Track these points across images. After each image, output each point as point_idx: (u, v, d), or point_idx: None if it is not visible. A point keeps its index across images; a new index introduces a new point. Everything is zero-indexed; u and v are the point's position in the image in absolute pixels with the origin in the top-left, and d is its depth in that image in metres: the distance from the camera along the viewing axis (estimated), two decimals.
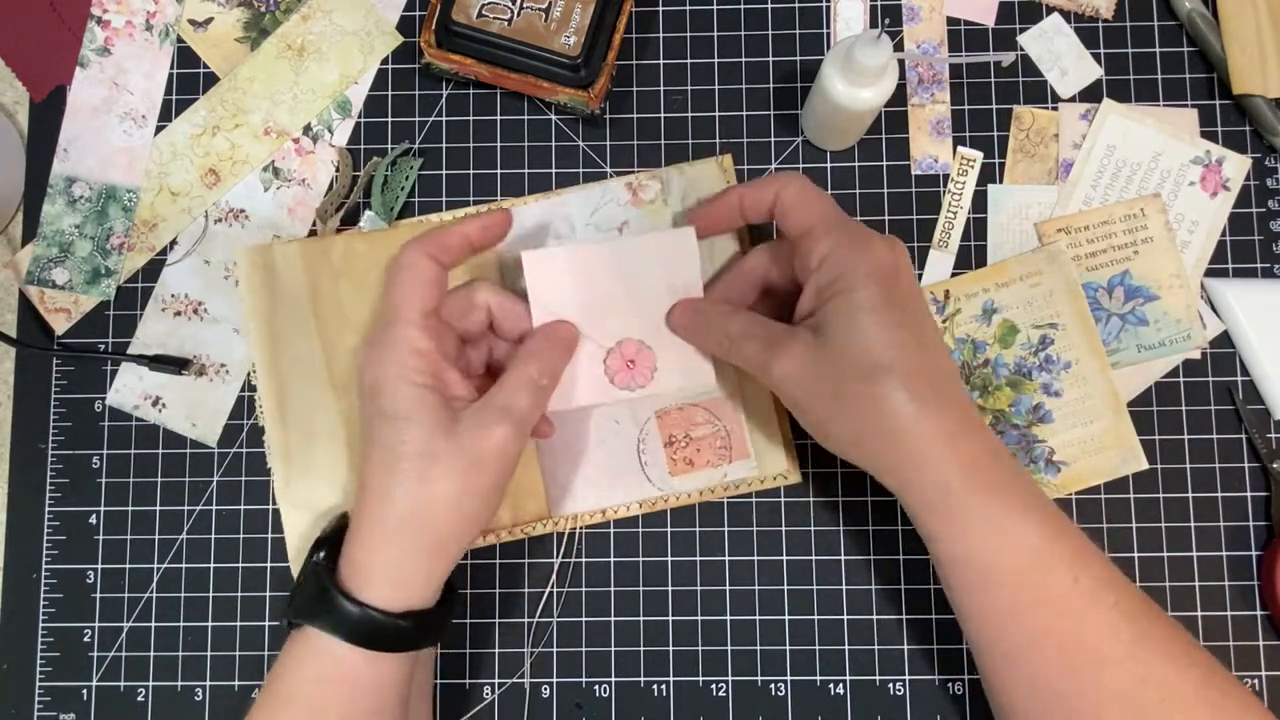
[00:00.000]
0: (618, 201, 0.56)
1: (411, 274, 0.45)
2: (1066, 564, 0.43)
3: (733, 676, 0.54)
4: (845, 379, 0.43)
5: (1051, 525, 0.43)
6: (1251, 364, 0.55)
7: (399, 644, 0.44)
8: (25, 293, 0.57)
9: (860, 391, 0.43)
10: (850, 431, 0.44)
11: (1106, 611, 0.43)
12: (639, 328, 0.51)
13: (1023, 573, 0.43)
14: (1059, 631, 0.43)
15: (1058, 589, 0.43)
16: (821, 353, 0.44)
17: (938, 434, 0.43)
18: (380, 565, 0.44)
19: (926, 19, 0.58)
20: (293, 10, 0.59)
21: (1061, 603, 0.43)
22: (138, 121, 0.58)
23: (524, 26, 0.54)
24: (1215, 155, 0.56)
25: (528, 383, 0.46)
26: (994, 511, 0.43)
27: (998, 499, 0.43)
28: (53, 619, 0.55)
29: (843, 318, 0.43)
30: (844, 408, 0.44)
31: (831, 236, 0.45)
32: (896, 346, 0.43)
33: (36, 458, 0.56)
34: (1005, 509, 0.43)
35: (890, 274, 0.44)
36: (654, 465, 0.54)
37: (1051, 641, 0.43)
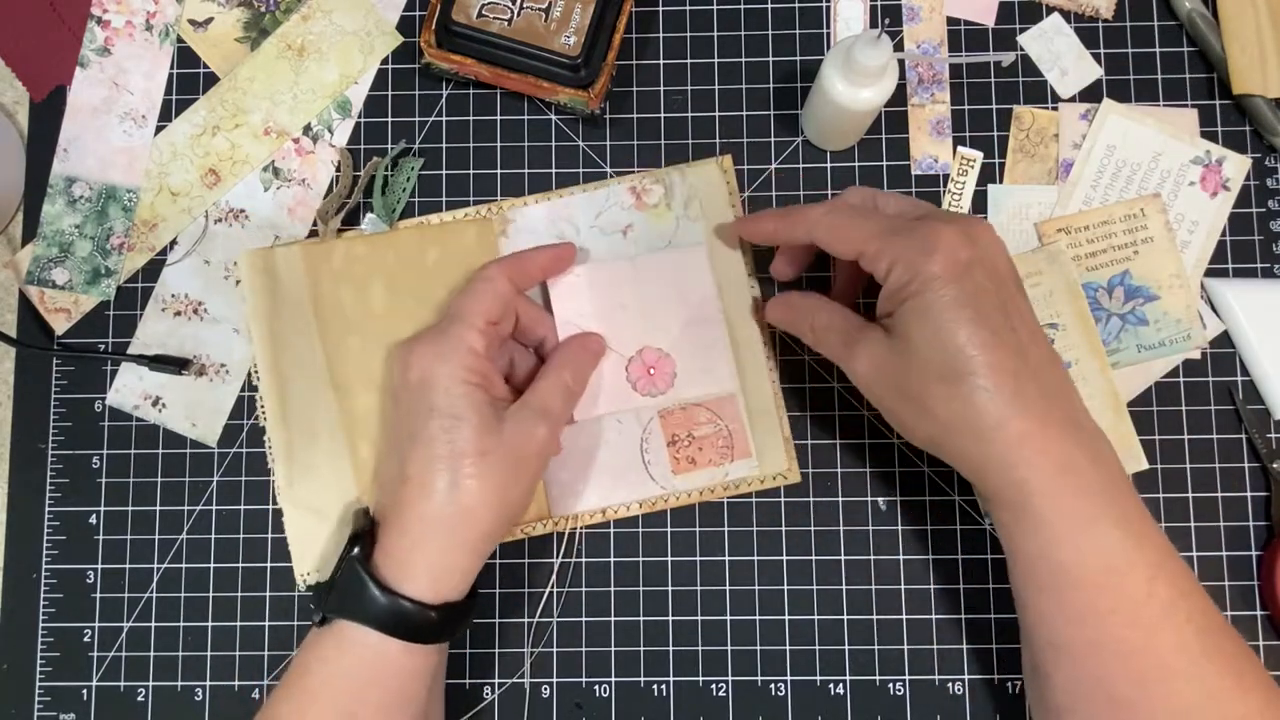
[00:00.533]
0: (621, 205, 0.56)
1: (488, 286, 0.49)
2: (1145, 574, 0.42)
3: (733, 676, 0.54)
4: (924, 381, 0.43)
5: (1135, 533, 0.42)
6: (1251, 364, 0.55)
7: (436, 635, 0.45)
8: (25, 293, 0.57)
9: (940, 393, 0.43)
10: (931, 432, 0.44)
11: (1179, 626, 0.42)
12: (658, 337, 0.54)
13: (1098, 578, 0.42)
14: (1129, 640, 0.42)
15: (1133, 598, 0.42)
16: (898, 355, 0.44)
17: (1024, 434, 0.42)
18: (421, 559, 0.45)
19: (926, 19, 0.58)
20: (293, 10, 0.59)
21: (1134, 611, 0.42)
22: (138, 121, 0.58)
23: (524, 26, 0.54)
24: (1215, 155, 0.57)
25: (562, 387, 0.50)
26: (1074, 515, 0.42)
27: (1081, 502, 0.42)
28: (53, 619, 0.55)
29: (916, 321, 0.43)
30: (924, 408, 0.44)
31: (889, 247, 0.44)
32: (975, 346, 0.42)
33: (36, 458, 0.56)
34: (1088, 513, 0.42)
35: (961, 271, 0.43)
36: (657, 464, 0.55)
37: (1120, 649, 0.42)
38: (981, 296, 0.43)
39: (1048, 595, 0.44)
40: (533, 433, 0.47)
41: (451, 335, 0.47)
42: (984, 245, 0.44)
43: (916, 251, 0.43)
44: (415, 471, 0.46)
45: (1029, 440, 0.42)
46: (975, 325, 0.42)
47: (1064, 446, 0.42)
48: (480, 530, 0.46)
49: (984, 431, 0.42)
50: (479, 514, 0.45)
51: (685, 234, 0.56)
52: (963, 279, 0.43)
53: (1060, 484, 0.42)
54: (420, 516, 0.45)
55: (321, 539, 0.54)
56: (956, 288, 0.42)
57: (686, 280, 0.55)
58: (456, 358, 0.47)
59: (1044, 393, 0.43)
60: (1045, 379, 0.43)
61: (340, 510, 0.54)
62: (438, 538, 0.45)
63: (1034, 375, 0.43)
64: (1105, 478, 0.43)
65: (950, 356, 0.42)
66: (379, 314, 0.54)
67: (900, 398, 0.45)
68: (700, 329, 0.55)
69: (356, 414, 0.54)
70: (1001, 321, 0.43)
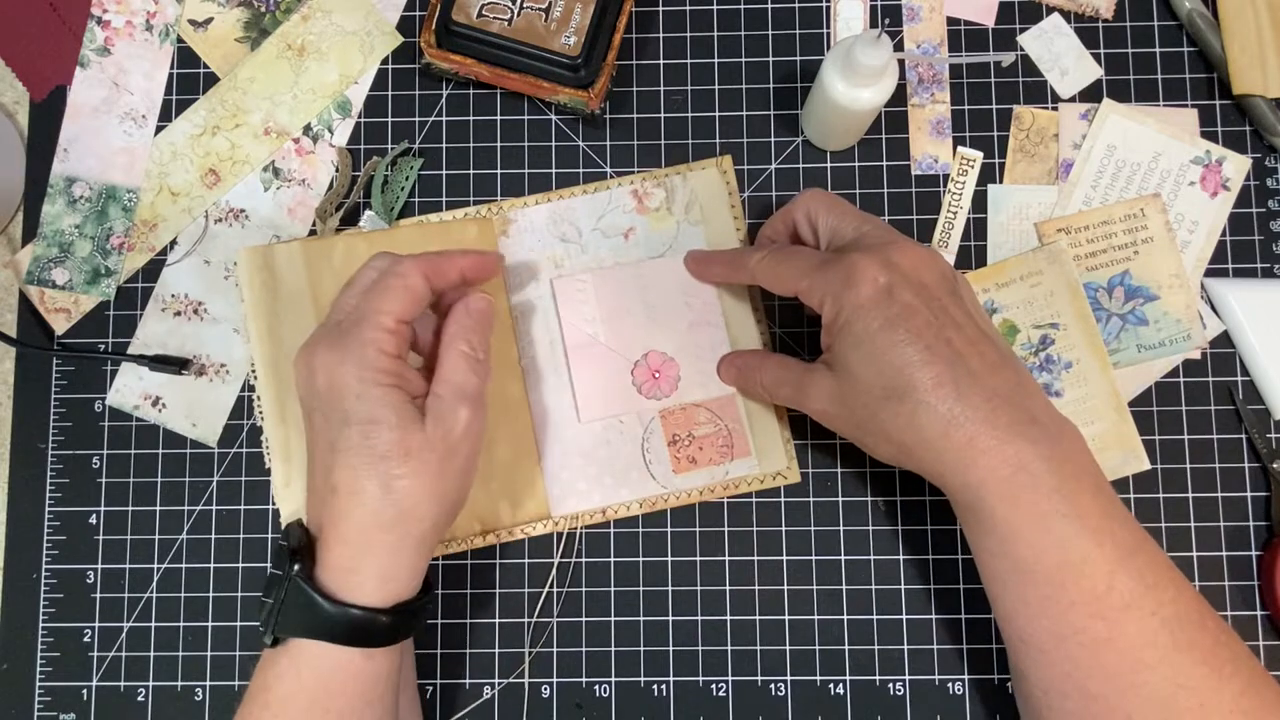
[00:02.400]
0: (623, 208, 0.56)
1: (400, 282, 0.46)
2: (1103, 569, 0.42)
3: (733, 676, 0.54)
4: (870, 405, 0.44)
5: (1091, 529, 0.43)
6: (1251, 364, 0.55)
7: (392, 637, 0.45)
8: (25, 293, 0.57)
9: (886, 414, 0.44)
10: (889, 451, 0.46)
11: (1143, 619, 0.42)
12: (662, 341, 0.55)
13: (1055, 573, 0.43)
14: (1093, 631, 0.42)
15: (1092, 591, 0.42)
16: (843, 388, 0.46)
17: (970, 439, 0.43)
18: (367, 567, 0.44)
19: (927, 19, 0.58)
20: (293, 10, 0.59)
21: (1095, 604, 0.42)
22: (138, 121, 0.58)
23: (524, 26, 0.54)
24: (1215, 155, 0.57)
25: (466, 360, 0.47)
26: (1028, 513, 0.43)
27: (1035, 499, 0.42)
28: (53, 619, 0.55)
29: (851, 350, 0.45)
30: (877, 431, 0.45)
31: (817, 285, 0.46)
32: (909, 365, 0.43)
33: (36, 458, 0.56)
34: (1041, 510, 0.42)
35: (883, 296, 0.44)
36: (658, 463, 0.55)
37: (1085, 640, 0.43)
38: (909, 315, 0.44)
39: (1010, 591, 0.44)
40: (456, 418, 0.45)
41: (358, 337, 0.44)
42: (902, 266, 0.45)
43: (840, 285, 0.45)
44: (343, 481, 0.44)
45: (975, 444, 0.43)
46: (906, 345, 0.43)
47: (1015, 446, 0.43)
48: (423, 528, 0.45)
49: (932, 442, 0.43)
50: (418, 512, 0.44)
51: (686, 237, 0.56)
52: (887, 303, 0.44)
53: (1012, 483, 0.43)
54: (358, 525, 0.44)
55: None
56: (881, 312, 0.44)
57: (689, 285, 0.55)
58: (366, 361, 0.44)
59: (988, 396, 0.43)
60: (990, 382, 0.43)
61: None
62: (380, 543, 0.44)
63: (976, 381, 0.43)
64: (1060, 475, 0.43)
65: (888, 379, 0.44)
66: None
67: (855, 426, 0.46)
68: (703, 333, 0.55)
69: None
70: (934, 335, 0.44)
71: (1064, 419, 0.45)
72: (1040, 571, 0.43)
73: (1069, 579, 0.43)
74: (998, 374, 0.44)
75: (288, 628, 0.44)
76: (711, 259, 0.54)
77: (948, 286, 0.46)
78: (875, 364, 0.44)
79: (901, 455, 0.45)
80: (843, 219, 0.49)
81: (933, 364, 0.43)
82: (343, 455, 0.44)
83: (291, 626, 0.44)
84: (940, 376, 0.43)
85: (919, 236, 0.57)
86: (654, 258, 0.56)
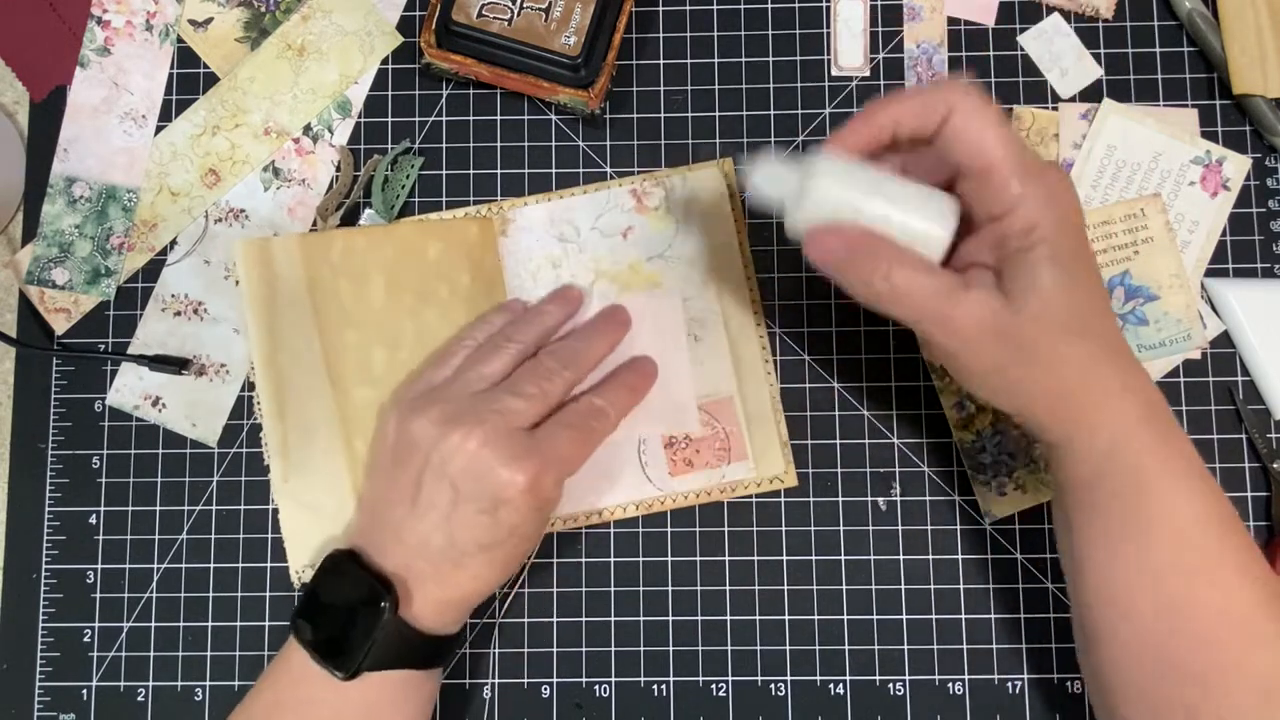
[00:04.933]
0: (622, 208, 0.56)
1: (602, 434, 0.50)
2: (1221, 529, 0.41)
3: (733, 676, 0.54)
4: (1046, 337, 0.40)
5: (1209, 489, 0.42)
6: (1251, 364, 0.55)
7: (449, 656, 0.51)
8: (25, 293, 0.57)
9: (1063, 350, 0.41)
10: (1032, 393, 0.42)
11: (1258, 586, 0.41)
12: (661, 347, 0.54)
13: (1181, 529, 0.41)
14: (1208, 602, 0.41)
15: (1213, 553, 0.41)
16: (1010, 312, 0.40)
17: (1119, 386, 0.42)
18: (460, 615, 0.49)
19: (927, 19, 0.58)
20: (293, 10, 0.59)
21: (1215, 572, 0.41)
22: (138, 121, 0.58)
23: (524, 26, 0.54)
24: (1215, 155, 0.56)
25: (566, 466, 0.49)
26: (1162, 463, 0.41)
27: (1166, 450, 0.42)
28: (53, 619, 0.55)
29: (1043, 270, 0.40)
30: (1034, 368, 0.41)
31: (1018, 179, 0.40)
32: (1090, 300, 0.41)
33: (36, 458, 0.56)
34: (1171, 462, 0.42)
35: (1078, 222, 0.41)
36: (654, 466, 0.55)
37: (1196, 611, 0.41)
38: (1087, 252, 0.42)
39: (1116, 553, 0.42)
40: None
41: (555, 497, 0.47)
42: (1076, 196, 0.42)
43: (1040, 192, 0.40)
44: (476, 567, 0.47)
45: (1129, 390, 0.42)
46: (1097, 282, 0.42)
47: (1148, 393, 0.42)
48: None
49: (1094, 384, 0.41)
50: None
51: (685, 237, 0.56)
52: (1077, 232, 0.41)
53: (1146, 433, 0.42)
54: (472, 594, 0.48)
55: (317, 535, 0.54)
56: (1074, 242, 0.41)
57: (660, 319, 0.55)
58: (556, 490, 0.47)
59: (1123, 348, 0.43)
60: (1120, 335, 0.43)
61: (336, 506, 0.53)
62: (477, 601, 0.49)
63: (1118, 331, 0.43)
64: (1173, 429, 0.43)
65: (1080, 310, 0.41)
66: (377, 309, 0.54)
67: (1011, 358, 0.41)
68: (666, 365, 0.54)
69: (353, 409, 0.54)
70: (1097, 278, 0.43)
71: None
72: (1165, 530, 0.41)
73: (1194, 538, 0.41)
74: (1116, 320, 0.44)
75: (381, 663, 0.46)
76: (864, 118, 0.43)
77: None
78: (1072, 290, 0.40)
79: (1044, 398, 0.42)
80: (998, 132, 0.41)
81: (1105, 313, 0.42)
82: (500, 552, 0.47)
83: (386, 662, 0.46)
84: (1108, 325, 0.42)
85: None
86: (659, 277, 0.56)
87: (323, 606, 0.47)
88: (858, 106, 0.57)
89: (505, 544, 0.46)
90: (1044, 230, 0.40)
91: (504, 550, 0.47)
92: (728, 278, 0.56)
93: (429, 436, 0.46)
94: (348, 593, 0.46)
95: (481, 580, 0.47)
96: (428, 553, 0.46)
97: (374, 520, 0.48)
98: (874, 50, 0.58)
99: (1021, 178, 0.40)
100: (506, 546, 0.47)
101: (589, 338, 0.52)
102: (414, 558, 0.46)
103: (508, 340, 0.50)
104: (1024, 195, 0.40)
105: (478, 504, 0.45)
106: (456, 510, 0.46)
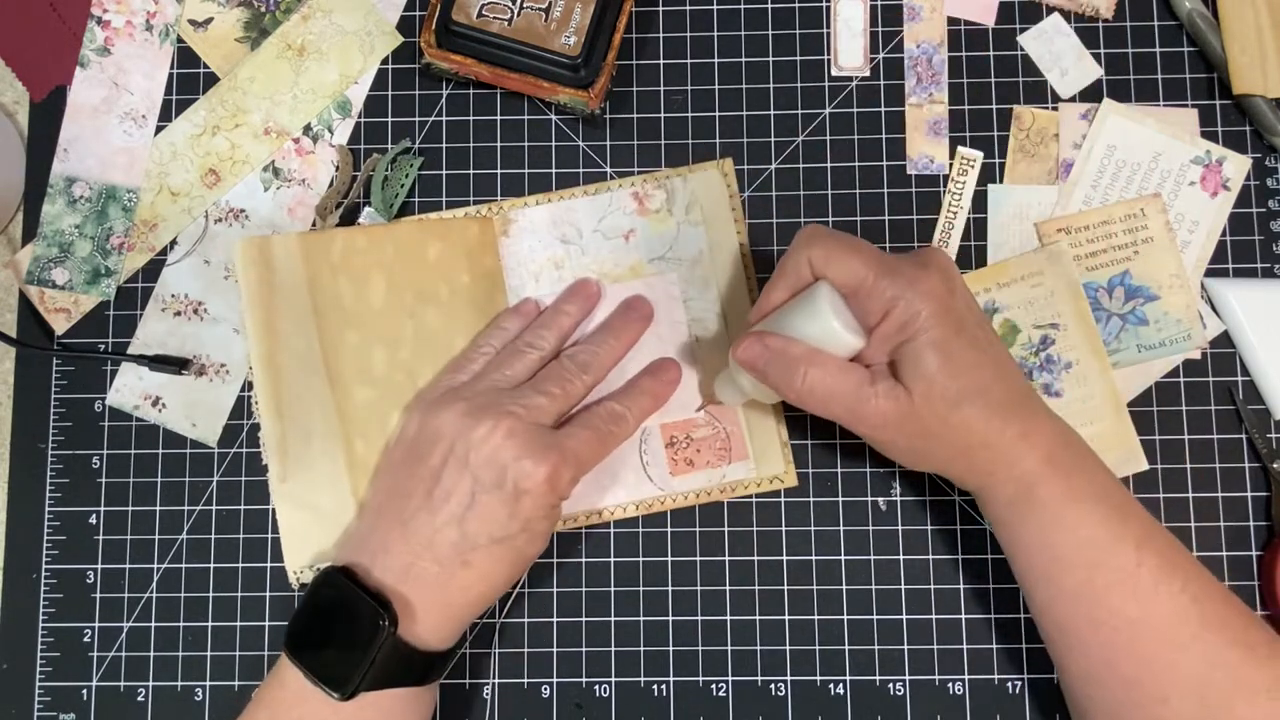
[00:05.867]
0: (624, 210, 0.56)
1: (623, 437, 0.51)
2: (1131, 544, 0.44)
3: (733, 676, 0.54)
4: (939, 414, 0.45)
5: (1116, 506, 0.45)
6: (1251, 364, 0.55)
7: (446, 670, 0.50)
8: (25, 293, 0.57)
9: (955, 421, 0.45)
10: (943, 456, 0.47)
11: (1174, 595, 0.44)
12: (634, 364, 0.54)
13: (1090, 552, 0.45)
14: (1125, 613, 0.44)
15: (1124, 568, 0.44)
16: (908, 399, 0.45)
17: (1022, 434, 0.45)
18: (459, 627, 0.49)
19: (927, 19, 0.58)
20: (293, 10, 0.59)
21: (1128, 584, 0.44)
22: (138, 121, 0.58)
23: (524, 26, 0.54)
24: (1215, 155, 0.56)
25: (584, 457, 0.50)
26: (1066, 496, 0.45)
27: (1070, 483, 0.45)
28: (53, 619, 0.55)
29: (921, 362, 0.45)
30: (936, 439, 0.46)
31: (882, 286, 0.45)
32: (970, 370, 0.45)
33: (36, 458, 0.56)
34: (1076, 493, 0.45)
35: (946, 303, 0.45)
36: (655, 465, 0.55)
37: (1119, 623, 0.44)
38: (963, 322, 0.46)
39: (1049, 583, 0.46)
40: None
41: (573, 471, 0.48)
42: (948, 270, 0.46)
43: (907, 290, 0.44)
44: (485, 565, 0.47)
45: (1028, 437, 0.45)
46: (971, 348, 0.45)
47: (1047, 437, 0.46)
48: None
49: (992, 438, 0.45)
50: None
51: (687, 238, 0.56)
52: (947, 312, 0.45)
53: (1049, 470, 0.45)
54: (476, 599, 0.48)
55: (315, 536, 0.54)
56: (953, 318, 0.45)
57: (660, 305, 0.55)
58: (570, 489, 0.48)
59: (1024, 394, 0.47)
60: (1019, 382, 0.47)
61: (334, 507, 0.53)
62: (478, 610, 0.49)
63: (1013, 379, 0.47)
64: (1080, 460, 0.46)
65: (962, 383, 0.44)
66: (377, 308, 0.54)
67: (919, 437, 0.46)
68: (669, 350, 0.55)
69: (352, 409, 0.54)
70: (984, 340, 0.46)
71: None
72: (1078, 555, 0.45)
73: (1103, 558, 0.44)
74: (1018, 372, 0.48)
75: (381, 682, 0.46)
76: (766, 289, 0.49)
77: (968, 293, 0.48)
78: (952, 367, 0.44)
79: (955, 460, 0.47)
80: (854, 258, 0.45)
81: (991, 362, 0.46)
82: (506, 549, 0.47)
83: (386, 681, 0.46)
84: (996, 373, 0.46)
85: (919, 237, 0.57)
86: (657, 273, 0.56)
87: (317, 626, 0.47)
88: (858, 106, 0.57)
89: (516, 539, 0.47)
90: (921, 321, 0.44)
91: (514, 546, 0.47)
92: (728, 278, 0.56)
93: (455, 428, 0.48)
94: (343, 611, 0.46)
95: (487, 581, 0.47)
96: (436, 549, 0.46)
97: (378, 521, 0.48)
98: (874, 50, 0.58)
99: (890, 282, 0.45)
100: (518, 542, 0.47)
101: (608, 339, 0.53)
102: (419, 556, 0.47)
103: (529, 346, 0.52)
104: (895, 297, 0.45)
105: (497, 494, 0.46)
106: (475, 500, 0.46)
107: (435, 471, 0.47)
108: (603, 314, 0.55)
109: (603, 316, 0.55)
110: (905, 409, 0.45)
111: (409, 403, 0.53)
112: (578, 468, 0.48)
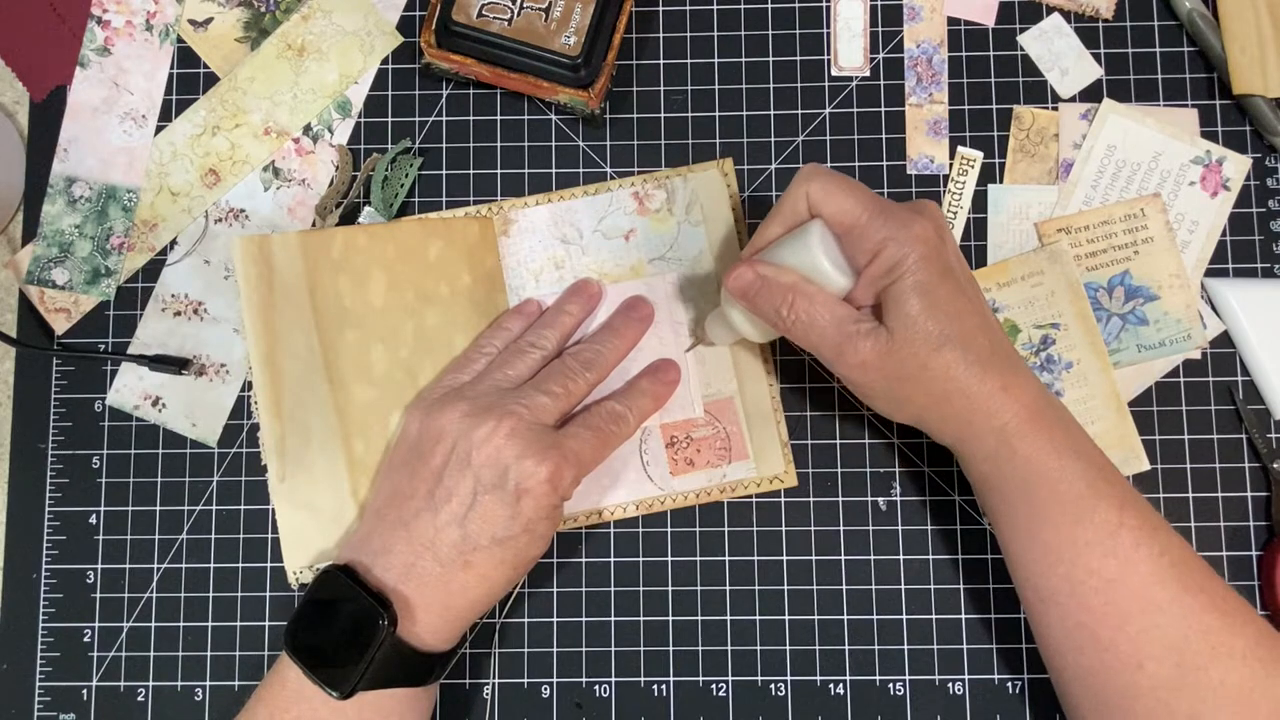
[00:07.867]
0: (624, 210, 0.56)
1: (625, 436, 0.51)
2: (1114, 503, 0.44)
3: (733, 676, 0.54)
4: (919, 357, 0.45)
5: (1099, 465, 0.45)
6: (1251, 364, 0.55)
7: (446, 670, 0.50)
8: (25, 293, 0.57)
9: (935, 365, 0.45)
10: (921, 403, 0.47)
11: (1154, 557, 0.44)
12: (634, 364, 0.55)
13: (1072, 507, 0.44)
14: (1104, 572, 0.44)
15: (1105, 527, 0.44)
16: (890, 340, 0.45)
17: (1004, 386, 0.45)
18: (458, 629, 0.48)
19: (927, 19, 0.58)
20: (293, 10, 0.59)
21: (1108, 542, 0.44)
22: (138, 121, 0.58)
23: (524, 26, 0.54)
24: (1215, 155, 0.56)
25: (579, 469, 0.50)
26: (1048, 450, 0.45)
27: (1051, 439, 0.45)
28: (53, 619, 0.55)
29: (910, 301, 0.45)
30: (915, 383, 0.46)
31: (874, 227, 0.45)
32: (954, 317, 0.45)
33: (36, 458, 0.56)
34: (1058, 448, 0.45)
35: (936, 249, 0.45)
36: (655, 465, 0.55)
37: (1097, 584, 0.44)
38: (951, 270, 0.46)
39: (1029, 542, 0.46)
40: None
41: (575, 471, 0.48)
42: (938, 220, 0.47)
43: (898, 233, 0.45)
44: (486, 566, 0.47)
45: (1008, 390, 0.45)
46: (958, 294, 0.45)
47: (1028, 393, 0.46)
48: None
49: (970, 387, 0.45)
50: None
51: (687, 238, 0.56)
52: (936, 258, 0.45)
53: (1036, 421, 0.45)
54: (476, 600, 0.47)
55: (314, 536, 0.54)
56: (933, 267, 0.45)
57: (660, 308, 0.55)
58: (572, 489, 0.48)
59: (1006, 351, 0.47)
60: (1003, 340, 0.47)
61: (333, 506, 0.53)
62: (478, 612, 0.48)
63: (996, 334, 0.47)
64: (1062, 416, 0.46)
65: (944, 326, 0.45)
66: (378, 307, 0.54)
67: (896, 379, 0.46)
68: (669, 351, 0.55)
69: (352, 409, 0.54)
70: (968, 289, 0.47)
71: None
72: (1060, 511, 0.45)
73: (1086, 515, 0.44)
74: (1000, 328, 0.48)
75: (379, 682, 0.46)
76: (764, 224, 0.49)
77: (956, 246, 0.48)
78: (936, 311, 0.45)
79: (932, 408, 0.46)
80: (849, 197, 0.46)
81: (973, 315, 0.46)
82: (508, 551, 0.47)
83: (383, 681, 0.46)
84: (977, 326, 0.46)
85: None
86: (657, 274, 0.56)
87: (317, 624, 0.47)
88: (858, 106, 0.57)
89: (518, 540, 0.47)
90: (907, 264, 0.45)
91: (515, 547, 0.47)
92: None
93: (457, 427, 0.48)
94: (343, 610, 0.46)
95: (487, 582, 0.47)
96: (437, 549, 0.47)
97: (379, 521, 0.48)
98: (874, 50, 0.58)
99: (882, 223, 0.45)
100: (519, 543, 0.47)
101: (611, 338, 0.53)
102: (420, 556, 0.47)
103: (531, 346, 0.52)
104: (886, 238, 0.45)
105: (499, 494, 0.46)
106: (476, 500, 0.46)
107: (437, 471, 0.47)
108: (604, 314, 0.55)
109: (604, 317, 0.55)
110: (886, 349, 0.45)
111: (410, 403, 0.53)
112: (579, 468, 0.48)
